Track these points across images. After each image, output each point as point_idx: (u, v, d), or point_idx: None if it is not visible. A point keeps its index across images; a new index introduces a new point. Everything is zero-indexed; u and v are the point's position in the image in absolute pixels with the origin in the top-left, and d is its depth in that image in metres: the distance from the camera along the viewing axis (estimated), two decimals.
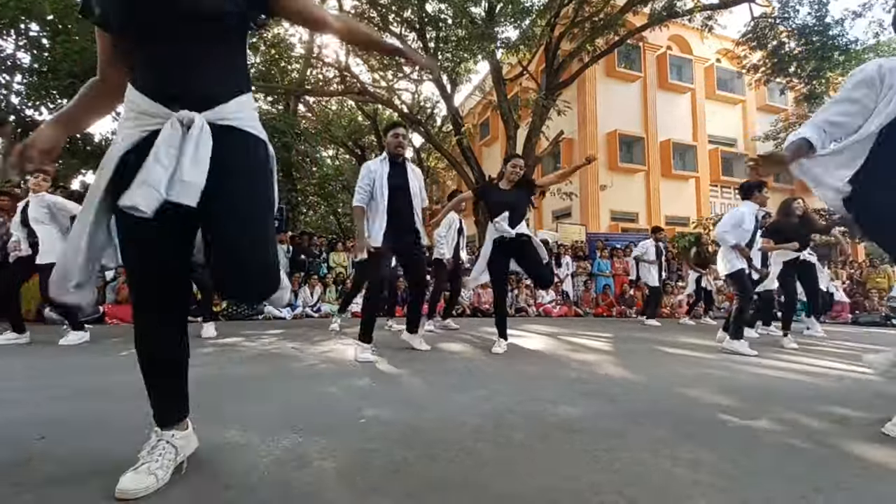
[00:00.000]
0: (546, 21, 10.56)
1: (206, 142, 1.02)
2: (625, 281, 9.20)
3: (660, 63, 17.15)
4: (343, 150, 19.42)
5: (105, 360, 3.01)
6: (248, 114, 1.14)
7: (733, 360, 3.48)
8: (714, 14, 11.38)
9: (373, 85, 13.98)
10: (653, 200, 16.31)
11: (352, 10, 11.79)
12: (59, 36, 7.16)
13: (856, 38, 10.47)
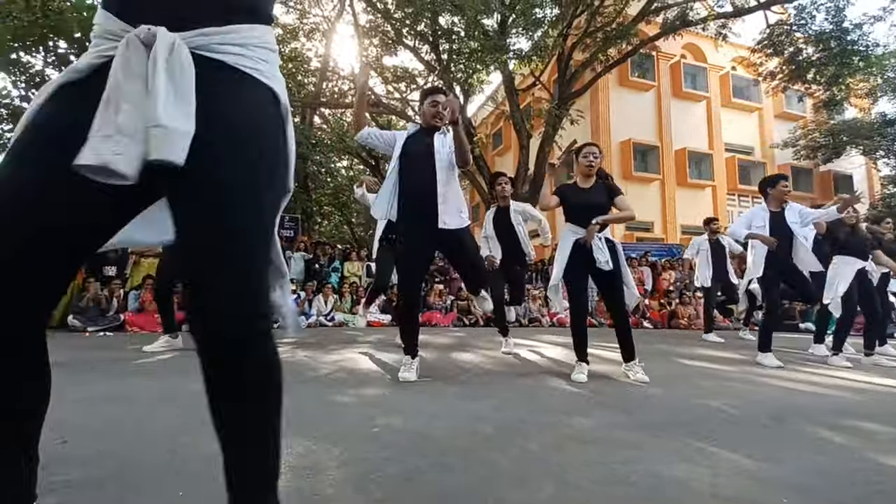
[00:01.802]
0: (558, 32, 10.62)
1: (184, 67, 0.68)
2: (640, 291, 9.06)
3: (673, 72, 17.05)
4: (357, 161, 19.65)
5: (125, 367, 3.07)
6: (256, 52, 0.77)
7: (755, 372, 3.39)
8: (728, 22, 11.30)
9: (387, 96, 14.18)
10: (668, 209, 16.11)
11: (367, 24, 12.04)
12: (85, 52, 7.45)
13: (876, 42, 10.30)
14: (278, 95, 0.79)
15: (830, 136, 15.71)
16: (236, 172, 0.71)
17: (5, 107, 7.74)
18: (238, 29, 0.75)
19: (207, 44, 0.72)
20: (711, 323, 6.09)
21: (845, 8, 9.95)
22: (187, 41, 0.70)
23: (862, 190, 5.06)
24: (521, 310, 7.87)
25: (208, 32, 0.72)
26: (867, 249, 4.27)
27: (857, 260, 4.16)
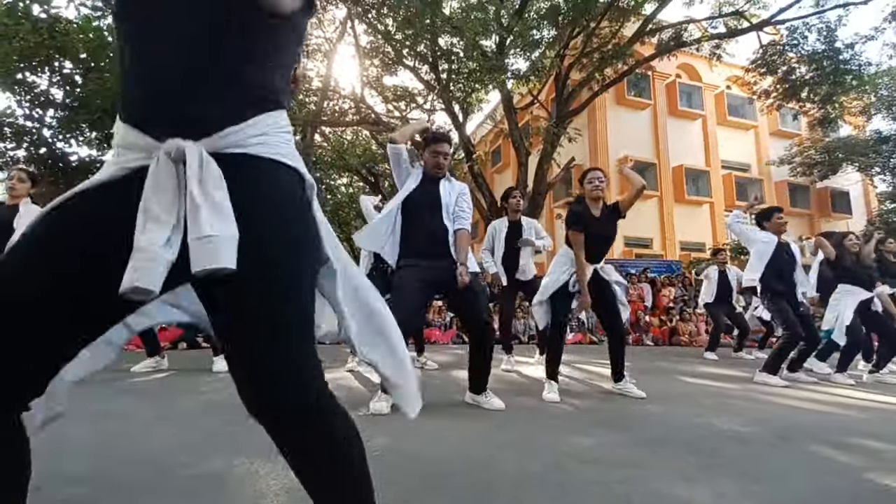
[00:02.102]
0: (555, 52, 10.83)
1: (216, 180, 0.70)
2: (640, 308, 9.02)
3: (669, 91, 17.33)
4: (357, 178, 19.82)
5: (120, 385, 3.03)
6: (277, 135, 0.80)
7: (757, 389, 3.36)
8: (722, 43, 11.54)
9: (387, 115, 14.36)
10: (667, 226, 16.18)
11: (367, 45, 12.27)
12: (90, 73, 7.55)
13: (868, 61, 10.49)
14: (302, 174, 0.82)
15: (826, 153, 15.88)
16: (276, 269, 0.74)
17: (9, 126, 7.82)
18: (257, 121, 0.77)
19: (233, 143, 0.74)
20: (716, 343, 6.02)
21: (837, 28, 10.18)
22: (213, 145, 0.73)
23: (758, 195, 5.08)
24: (521, 326, 7.83)
25: (231, 132, 0.74)
26: (873, 279, 4.23)
27: (862, 290, 4.11)
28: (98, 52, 7.48)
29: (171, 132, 0.71)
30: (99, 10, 7.32)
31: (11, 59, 6.99)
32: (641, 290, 9.18)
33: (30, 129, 7.99)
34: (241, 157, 0.75)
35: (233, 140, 0.74)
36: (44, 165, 8.16)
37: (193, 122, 0.73)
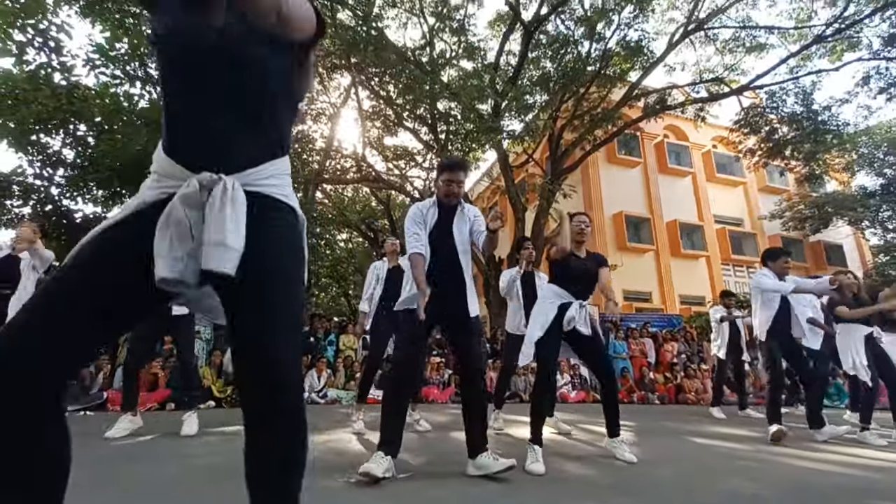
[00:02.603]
0: (548, 115, 11.42)
1: (239, 203, 0.90)
2: (643, 364, 8.81)
3: (658, 150, 18.06)
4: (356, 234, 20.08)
5: (107, 451, 2.87)
6: (283, 179, 1.03)
7: (767, 450, 3.20)
8: (705, 106, 12.20)
9: (387, 173, 14.83)
10: (665, 279, 16.21)
11: (370, 109, 12.93)
12: (103, 135, 7.85)
13: (846, 122, 11.06)
14: (297, 212, 1.04)
15: (815, 207, 16.29)
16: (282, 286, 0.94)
17: (18, 184, 8.02)
18: (268, 166, 0.99)
19: (250, 181, 0.95)
20: (721, 396, 5.85)
21: (812, 93, 10.82)
22: (239, 179, 0.93)
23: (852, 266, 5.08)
24: (522, 384, 7.60)
25: (250, 173, 0.96)
26: (872, 317, 4.21)
27: (862, 326, 4.10)
28: (113, 115, 7.83)
29: (206, 167, 0.91)
30: (117, 78, 7.75)
31: (28, 121, 7.30)
32: (644, 346, 9.01)
33: (38, 187, 8.18)
34: (255, 193, 0.95)
35: (250, 179, 0.95)
36: (48, 222, 8.29)
37: (224, 162, 0.93)
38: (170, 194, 0.91)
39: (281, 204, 1.00)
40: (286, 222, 1.00)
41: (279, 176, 1.01)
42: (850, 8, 10.00)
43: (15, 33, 6.95)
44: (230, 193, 0.89)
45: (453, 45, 12.68)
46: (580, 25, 11.49)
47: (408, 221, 2.57)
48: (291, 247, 1.00)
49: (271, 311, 0.92)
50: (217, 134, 0.94)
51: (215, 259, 0.85)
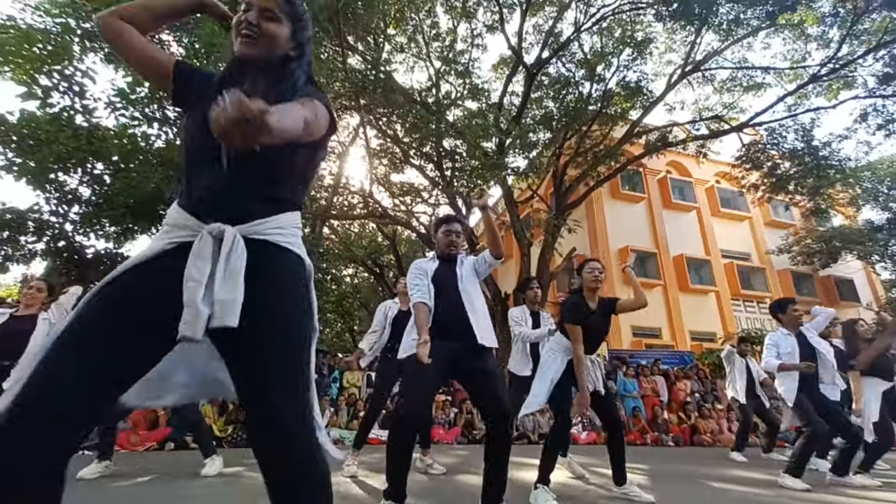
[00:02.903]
0: (551, 152, 11.66)
1: (239, 253, 0.94)
2: (656, 403, 8.53)
3: (661, 185, 18.23)
4: (362, 269, 20.14)
5: (103, 493, 2.79)
6: (290, 230, 1.06)
7: (786, 494, 3.05)
8: (706, 143, 12.40)
9: (393, 209, 15.04)
10: (674, 315, 15.96)
11: (377, 147, 13.28)
12: (119, 173, 8.08)
13: (847, 157, 11.14)
14: (304, 260, 1.07)
15: (823, 242, 16.18)
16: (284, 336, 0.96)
17: (34, 221, 8.19)
18: (278, 218, 1.04)
19: (260, 230, 1.00)
20: (745, 443, 5.55)
21: (812, 129, 10.98)
22: (245, 230, 0.98)
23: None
24: (531, 424, 7.37)
25: (259, 223, 1.01)
26: (892, 367, 4.04)
27: (882, 381, 3.93)
28: (130, 155, 8.08)
29: (216, 219, 0.97)
30: (136, 119, 8.06)
31: (48, 161, 7.54)
32: (655, 384, 8.76)
33: (53, 223, 8.36)
34: (262, 242, 1.00)
35: (259, 229, 1.00)
36: (59, 258, 8.41)
37: (234, 214, 0.98)
38: (178, 244, 0.97)
39: (286, 252, 1.04)
40: (291, 269, 1.04)
41: (287, 227, 1.05)
42: (843, 49, 10.31)
43: (41, 78, 7.30)
44: (233, 246, 0.94)
45: (458, 86, 13.16)
46: (580, 68, 11.91)
47: (409, 276, 2.57)
48: (295, 293, 1.02)
49: (271, 362, 0.93)
50: (230, 192, 1.00)
51: (219, 314, 0.90)
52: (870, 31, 10.14)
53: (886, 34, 9.53)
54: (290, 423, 0.91)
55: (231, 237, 0.94)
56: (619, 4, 11.22)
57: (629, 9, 11.26)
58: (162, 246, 0.98)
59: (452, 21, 12.71)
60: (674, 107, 13.47)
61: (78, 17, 7.17)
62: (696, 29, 10.77)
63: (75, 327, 0.88)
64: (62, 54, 7.16)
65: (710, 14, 9.47)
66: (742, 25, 10.37)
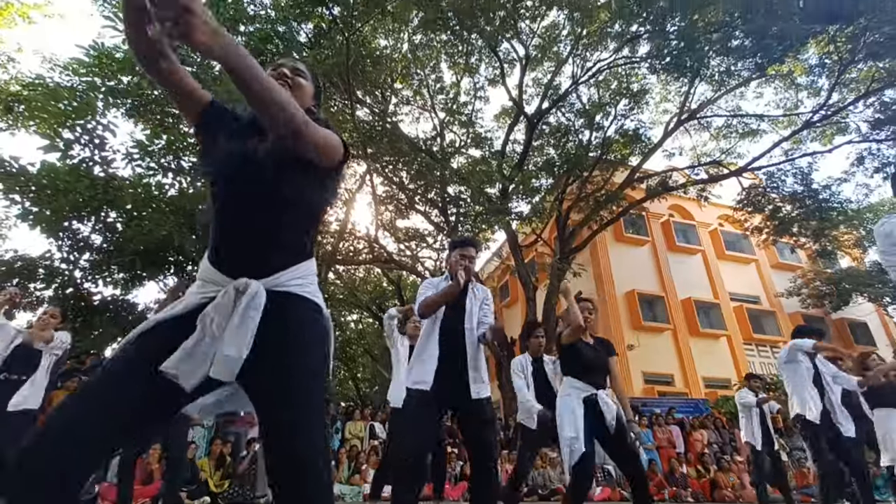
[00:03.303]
0: (554, 197, 11.86)
1: (254, 309, 1.00)
2: (672, 455, 8.12)
3: (665, 228, 18.32)
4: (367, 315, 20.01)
5: None
6: (310, 279, 1.15)
7: None
8: (706, 187, 12.59)
9: (398, 254, 15.15)
10: (686, 360, 15.53)
11: (383, 194, 13.59)
12: (132, 221, 8.26)
13: (848, 199, 11.23)
14: (322, 308, 1.15)
15: (832, 284, 15.97)
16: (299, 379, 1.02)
17: (45, 268, 8.31)
18: (297, 268, 1.13)
19: (282, 282, 1.09)
20: (766, 497, 5.19)
21: (810, 173, 11.15)
22: (268, 283, 1.06)
23: None
24: (540, 478, 7.02)
25: (280, 275, 1.09)
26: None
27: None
28: (144, 203, 8.31)
29: (243, 273, 1.05)
30: (151, 170, 8.35)
31: (64, 209, 7.76)
32: (670, 434, 8.39)
33: (63, 270, 8.47)
34: (284, 293, 1.08)
35: (281, 281, 1.09)
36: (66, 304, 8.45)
37: (259, 268, 1.07)
38: (210, 298, 1.05)
39: (306, 301, 1.11)
40: (310, 317, 1.11)
41: (305, 276, 1.14)
42: (834, 96, 10.67)
43: (65, 132, 7.66)
44: (252, 300, 1.01)
45: (462, 135, 13.64)
46: (580, 117, 12.36)
47: (420, 288, 2.57)
48: (314, 340, 1.09)
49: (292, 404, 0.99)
50: (254, 244, 1.10)
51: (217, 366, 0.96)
52: (857, 79, 10.54)
53: (874, 82, 9.89)
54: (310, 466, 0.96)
55: (253, 291, 1.02)
56: (613, 59, 11.81)
57: (624, 63, 11.83)
58: (196, 301, 1.06)
59: (456, 76, 13.37)
60: (673, 152, 13.78)
61: (104, 75, 7.62)
62: (688, 80, 11.25)
63: (105, 375, 0.96)
64: (86, 110, 7.55)
65: (701, 66, 9.92)
66: (733, 76, 10.82)
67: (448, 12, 10.20)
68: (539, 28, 12.02)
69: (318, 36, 10.20)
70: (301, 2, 9.48)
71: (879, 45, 8.46)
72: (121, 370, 0.97)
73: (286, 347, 1.02)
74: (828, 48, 9.66)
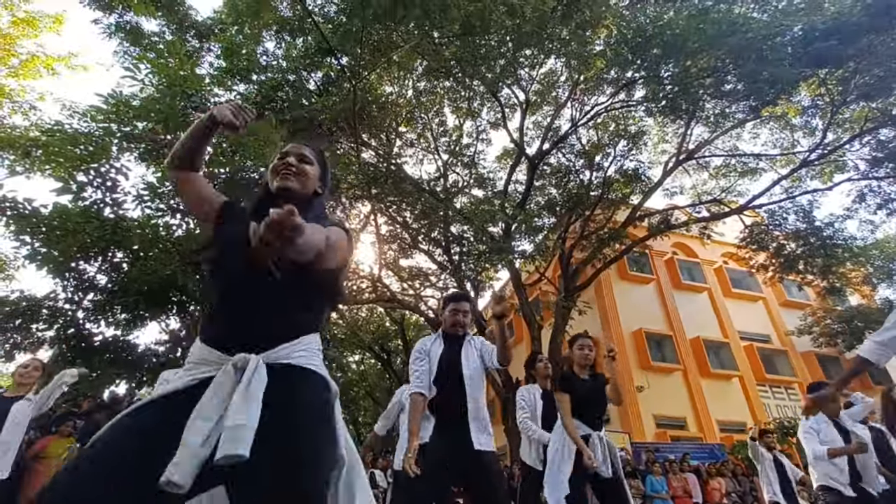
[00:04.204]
0: (557, 236, 11.92)
1: (257, 381, 0.94)
2: None
3: (669, 266, 18.23)
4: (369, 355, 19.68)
5: None
6: (314, 351, 1.11)
7: None
8: (709, 225, 12.64)
9: (402, 293, 15.08)
10: (698, 403, 15.01)
11: (386, 234, 13.71)
12: (138, 261, 8.33)
13: (852, 236, 11.18)
14: (328, 381, 1.09)
15: (844, 322, 15.65)
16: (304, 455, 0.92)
17: (48, 308, 8.30)
18: (301, 341, 1.08)
19: (283, 356, 1.04)
20: None
21: (812, 210, 11.19)
22: (269, 356, 1.01)
23: None
24: None
25: (284, 348, 1.05)
26: None
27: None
28: (150, 244, 8.40)
29: (241, 349, 1.00)
30: (160, 211, 8.50)
31: (71, 250, 7.84)
32: (686, 482, 7.97)
33: (66, 311, 8.45)
34: (287, 366, 1.03)
35: (283, 354, 1.04)
36: (66, 345, 8.37)
37: (258, 343, 1.02)
38: (200, 380, 0.99)
39: (309, 372, 1.06)
40: (313, 390, 1.05)
41: (309, 349, 1.10)
42: (829, 136, 10.87)
43: (79, 175, 7.87)
44: (254, 374, 0.95)
45: (465, 176, 13.92)
46: (580, 158, 12.63)
47: (412, 357, 2.53)
48: (320, 417, 1.01)
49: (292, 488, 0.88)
50: (254, 324, 1.06)
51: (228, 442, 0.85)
52: (851, 119, 10.78)
53: (868, 122, 10.11)
54: None
55: (254, 365, 0.96)
56: (610, 102, 12.20)
57: (620, 106, 12.22)
58: (184, 384, 0.99)
59: (459, 119, 13.81)
60: (674, 191, 13.93)
61: (120, 121, 7.91)
62: (684, 122, 11.56)
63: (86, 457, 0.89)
64: (101, 154, 7.78)
65: (696, 109, 10.22)
66: (728, 118, 11.12)
67: (451, 61, 10.67)
68: (538, 75, 12.51)
69: (326, 84, 10.64)
70: (311, 52, 9.97)
71: (870, 86, 8.72)
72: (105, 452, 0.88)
73: (287, 423, 0.93)
74: (819, 90, 9.95)
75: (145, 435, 0.90)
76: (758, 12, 9.36)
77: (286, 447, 0.90)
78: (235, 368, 0.96)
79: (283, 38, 11.05)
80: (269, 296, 1.06)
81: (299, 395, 1.00)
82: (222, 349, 1.01)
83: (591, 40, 10.85)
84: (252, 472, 0.86)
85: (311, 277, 1.08)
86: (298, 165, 1.26)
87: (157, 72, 7.54)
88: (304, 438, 0.94)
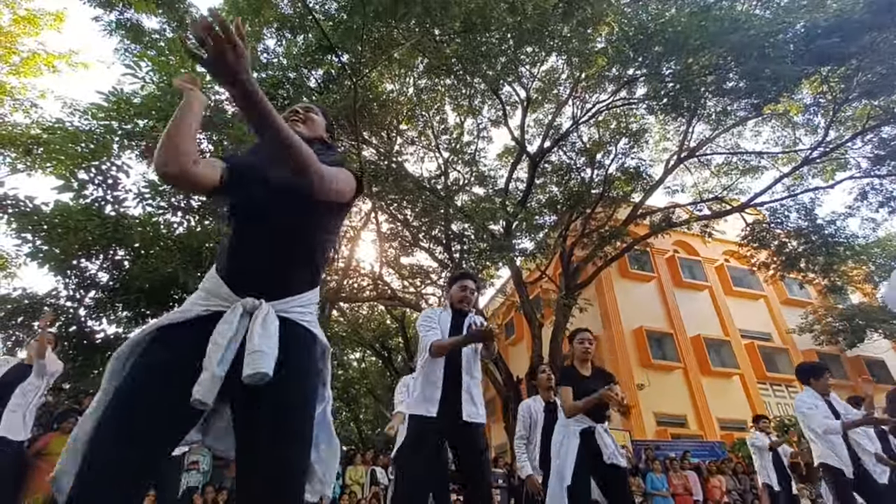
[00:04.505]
0: (558, 234, 11.91)
1: (273, 322, 1.06)
2: (690, 503, 7.70)
3: (670, 264, 18.22)
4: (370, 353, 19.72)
5: None
6: (310, 308, 1.20)
7: None
8: (710, 223, 12.62)
9: (402, 291, 15.10)
10: (699, 401, 15.02)
11: (387, 231, 13.71)
12: (139, 259, 8.34)
13: (854, 234, 11.15)
14: (319, 338, 1.20)
15: (845, 320, 15.63)
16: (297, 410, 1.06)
17: (50, 305, 8.32)
18: (300, 297, 1.17)
19: (285, 308, 1.13)
20: None
21: (814, 208, 11.16)
22: (275, 306, 1.10)
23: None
24: None
25: (284, 301, 1.13)
26: None
27: None
28: (152, 241, 8.41)
29: (250, 293, 1.09)
30: (161, 209, 8.51)
31: (73, 247, 7.85)
32: (686, 480, 7.99)
33: (68, 308, 8.47)
34: (284, 319, 1.11)
35: (284, 307, 1.13)
36: (68, 342, 8.39)
37: (266, 291, 1.11)
38: (214, 312, 1.09)
39: (304, 330, 1.16)
40: (306, 348, 1.15)
41: (307, 305, 1.19)
42: (831, 134, 10.83)
43: (80, 173, 7.87)
44: (267, 317, 1.06)
45: (466, 174, 13.90)
46: (581, 156, 12.60)
47: (422, 321, 2.63)
48: (308, 370, 1.12)
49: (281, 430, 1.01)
50: (264, 267, 1.14)
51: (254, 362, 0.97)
52: (853, 117, 10.74)
53: (870, 119, 10.07)
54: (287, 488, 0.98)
55: (266, 310, 1.07)
56: (612, 100, 12.16)
57: (622, 104, 12.18)
58: (196, 312, 1.09)
59: (459, 117, 13.79)
60: (675, 189, 13.91)
61: (121, 119, 7.91)
62: (686, 120, 11.52)
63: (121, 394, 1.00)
64: (102, 152, 7.79)
65: (697, 107, 10.18)
66: (730, 116, 11.07)
67: (452, 58, 10.64)
68: (539, 72, 12.48)
69: (327, 81, 10.63)
70: (312, 50, 9.95)
71: (873, 84, 8.68)
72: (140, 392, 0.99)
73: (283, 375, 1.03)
74: (821, 88, 9.91)
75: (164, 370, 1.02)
76: (760, 9, 9.33)
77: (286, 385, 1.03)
78: (244, 309, 1.07)
79: (284, 35, 11.03)
80: (280, 240, 1.13)
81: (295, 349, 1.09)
82: (232, 287, 1.11)
83: (592, 38, 10.82)
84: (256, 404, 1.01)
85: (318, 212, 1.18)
86: (305, 113, 1.41)
87: (157, 69, 7.53)
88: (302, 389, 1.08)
